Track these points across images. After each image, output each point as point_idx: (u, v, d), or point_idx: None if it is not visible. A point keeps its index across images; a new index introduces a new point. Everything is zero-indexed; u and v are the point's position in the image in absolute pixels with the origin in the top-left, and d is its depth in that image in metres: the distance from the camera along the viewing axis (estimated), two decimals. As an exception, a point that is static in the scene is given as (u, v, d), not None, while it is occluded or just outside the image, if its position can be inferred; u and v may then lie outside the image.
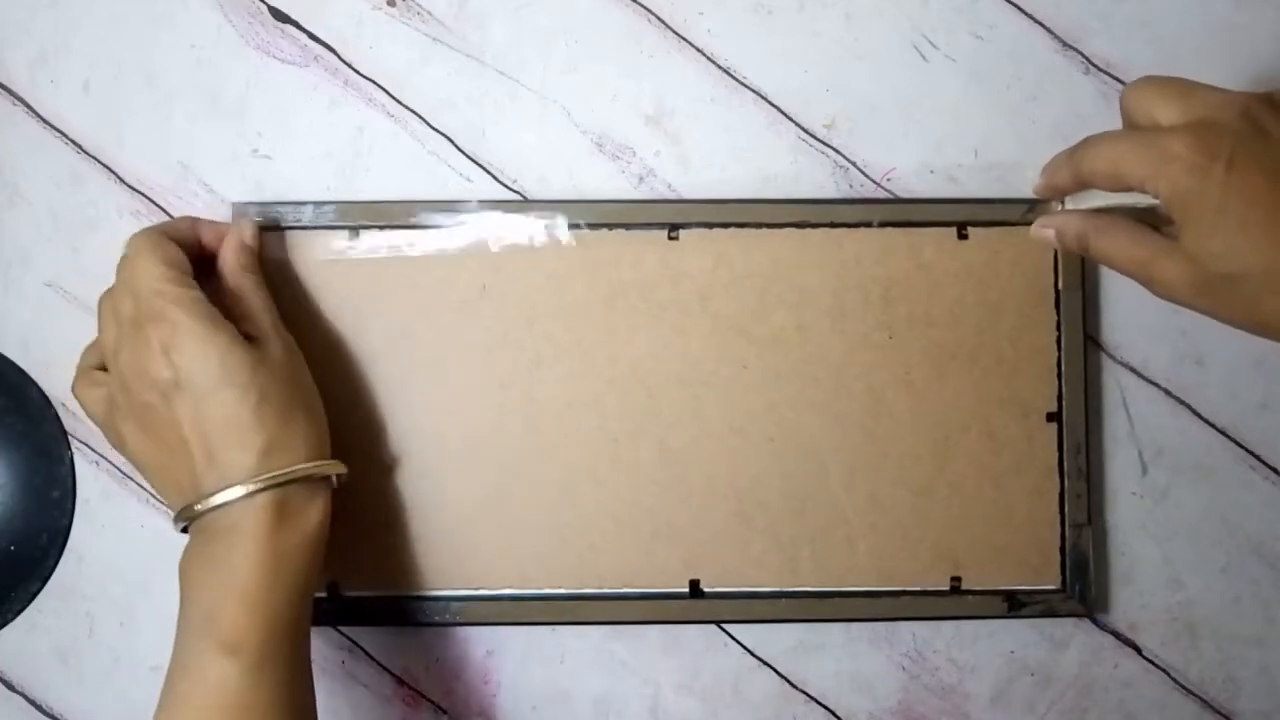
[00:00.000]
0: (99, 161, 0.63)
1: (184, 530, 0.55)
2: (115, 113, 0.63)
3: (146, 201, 0.63)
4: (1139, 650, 0.63)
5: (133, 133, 0.63)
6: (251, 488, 0.52)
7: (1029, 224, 0.57)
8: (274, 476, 0.53)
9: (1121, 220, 0.52)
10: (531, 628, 0.62)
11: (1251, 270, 0.47)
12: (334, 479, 0.56)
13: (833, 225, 0.62)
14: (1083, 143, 0.53)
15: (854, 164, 0.64)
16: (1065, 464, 0.61)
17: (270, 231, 0.62)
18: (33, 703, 0.63)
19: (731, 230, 0.62)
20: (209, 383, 0.53)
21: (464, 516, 0.61)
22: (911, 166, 0.64)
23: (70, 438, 0.63)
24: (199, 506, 0.53)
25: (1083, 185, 0.54)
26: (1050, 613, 0.61)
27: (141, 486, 0.63)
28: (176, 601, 0.62)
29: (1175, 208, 0.49)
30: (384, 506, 0.61)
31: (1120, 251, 0.52)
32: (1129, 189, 0.51)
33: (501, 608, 0.61)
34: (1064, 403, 0.61)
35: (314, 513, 0.55)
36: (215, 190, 0.63)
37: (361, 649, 0.63)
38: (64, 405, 0.63)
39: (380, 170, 0.63)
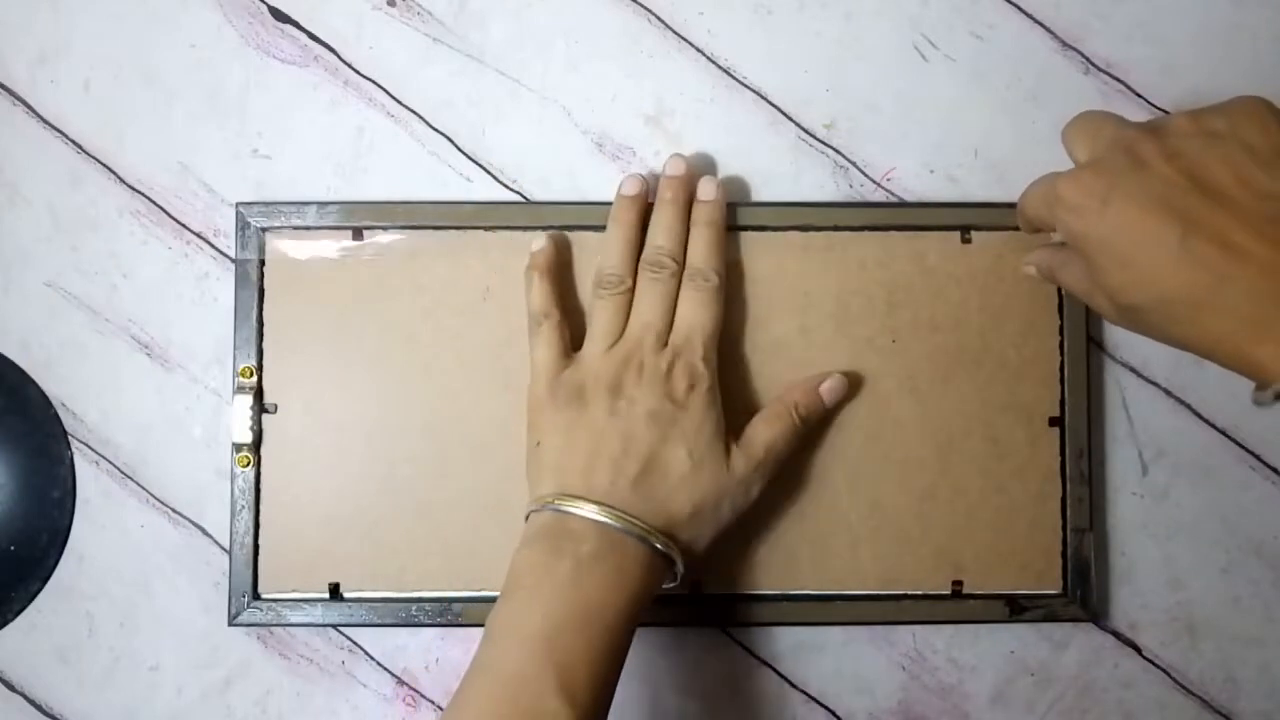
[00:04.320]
0: (99, 161, 0.63)
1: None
2: (115, 113, 0.63)
3: (146, 201, 0.63)
4: (1139, 650, 0.63)
5: (133, 133, 0.63)
6: (644, 526, 0.54)
7: None
8: (664, 538, 0.54)
9: (1075, 253, 0.52)
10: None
11: (1148, 303, 0.47)
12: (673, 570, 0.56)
13: (836, 229, 0.62)
14: (1025, 190, 0.55)
15: (854, 164, 0.63)
16: (1068, 469, 0.61)
17: (272, 231, 0.62)
18: (33, 703, 0.63)
19: (734, 233, 0.62)
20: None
21: (465, 517, 0.61)
22: (911, 166, 0.64)
23: (70, 438, 0.63)
24: (584, 512, 0.54)
25: (1035, 230, 0.57)
26: (1052, 617, 0.61)
27: (142, 486, 0.63)
28: (176, 600, 0.63)
29: (1076, 248, 0.50)
30: (384, 506, 0.61)
31: (1075, 284, 0.53)
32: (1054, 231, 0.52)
33: (503, 609, 0.61)
34: (1066, 407, 0.61)
35: (657, 582, 0.55)
36: (215, 190, 0.63)
37: (361, 649, 0.63)
38: (64, 405, 0.63)
39: (380, 170, 0.63)
